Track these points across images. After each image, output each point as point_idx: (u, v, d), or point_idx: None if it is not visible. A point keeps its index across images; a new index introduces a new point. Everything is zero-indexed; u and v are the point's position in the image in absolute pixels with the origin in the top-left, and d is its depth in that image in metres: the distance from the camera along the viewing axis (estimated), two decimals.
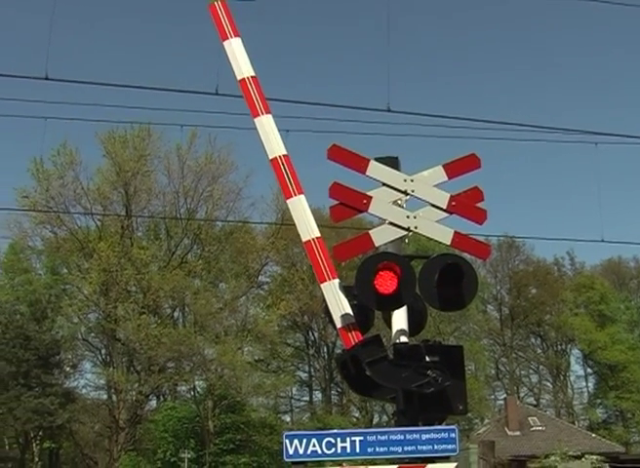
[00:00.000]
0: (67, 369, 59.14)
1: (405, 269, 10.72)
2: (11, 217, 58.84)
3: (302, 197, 12.15)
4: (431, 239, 11.66)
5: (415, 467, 9.36)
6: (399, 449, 9.55)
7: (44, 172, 56.05)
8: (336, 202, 11.48)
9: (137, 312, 54.23)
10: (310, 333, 70.32)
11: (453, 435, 9.47)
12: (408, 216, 11.36)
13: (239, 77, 12.48)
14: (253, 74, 12.60)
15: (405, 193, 11.54)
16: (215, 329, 57.32)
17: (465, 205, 11.48)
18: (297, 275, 63.95)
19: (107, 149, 56.78)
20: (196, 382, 60.60)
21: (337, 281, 11.54)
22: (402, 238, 11.45)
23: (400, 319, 11.45)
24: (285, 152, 12.30)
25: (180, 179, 58.21)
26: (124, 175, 56.15)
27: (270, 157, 12.24)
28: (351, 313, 11.23)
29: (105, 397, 60.22)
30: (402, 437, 9.58)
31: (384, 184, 11.56)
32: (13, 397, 48.88)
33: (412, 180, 11.56)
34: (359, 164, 11.58)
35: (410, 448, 9.52)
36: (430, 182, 11.60)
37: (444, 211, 11.45)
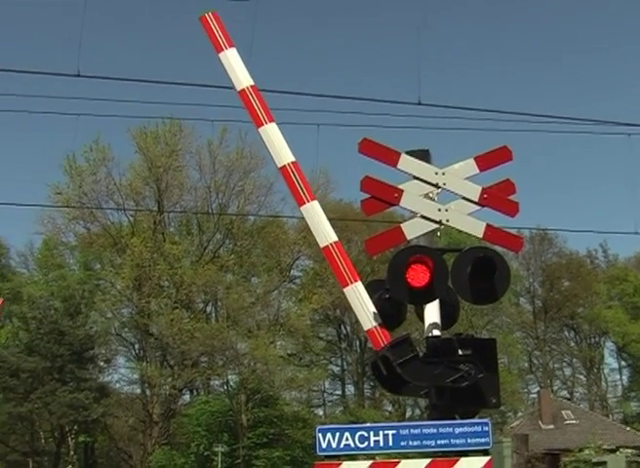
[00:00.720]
0: (101, 363, 59.48)
1: (437, 262, 10.69)
2: (44, 214, 59.32)
3: (315, 203, 12.13)
4: (463, 232, 11.62)
5: (448, 461, 9.33)
6: (432, 443, 9.52)
7: (77, 168, 56.42)
8: (367, 195, 11.46)
9: (169, 307, 54.46)
10: (342, 327, 70.33)
11: (486, 428, 9.43)
12: (439, 209, 11.33)
13: (239, 88, 12.45)
14: (252, 83, 12.58)
15: (436, 186, 11.50)
16: (247, 323, 57.44)
17: (497, 197, 11.43)
18: (328, 269, 63.73)
19: (139, 145, 57.04)
20: (229, 376, 60.82)
21: (359, 284, 11.52)
22: (434, 231, 11.41)
23: (432, 312, 11.42)
24: (293, 159, 12.28)
25: (211, 174, 58.39)
26: (156, 171, 56.37)
27: (279, 166, 12.22)
28: (377, 314, 11.21)
29: (139, 391, 60.54)
30: (435, 430, 9.55)
31: (416, 177, 11.53)
32: (48, 392, 49.23)
33: (443, 173, 11.52)
34: (390, 157, 11.55)
35: (443, 442, 9.50)
36: (462, 175, 11.55)
37: (476, 203, 11.40)
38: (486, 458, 9.22)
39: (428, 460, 9.34)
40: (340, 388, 74.51)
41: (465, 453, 9.58)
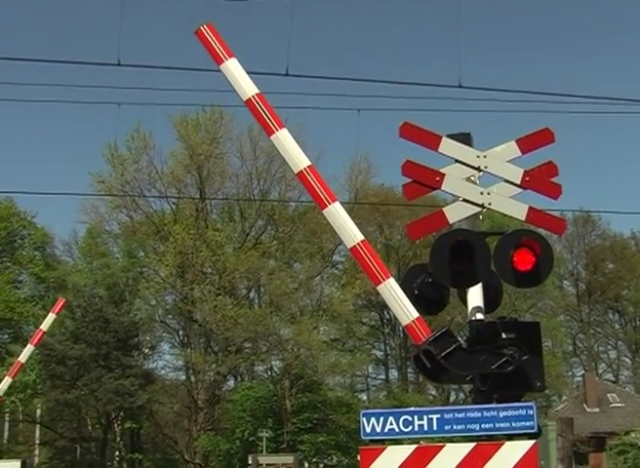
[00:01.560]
0: (146, 350, 59.92)
1: (480, 246, 10.66)
2: (87, 202, 59.82)
3: (337, 204, 12.10)
4: (506, 215, 11.57)
5: (493, 444, 9.31)
6: (476, 427, 9.51)
7: (119, 156, 56.78)
8: (408, 180, 11.44)
9: (213, 293, 54.73)
10: (385, 312, 70.26)
11: (531, 412, 9.39)
12: (482, 193, 11.29)
13: (244, 98, 12.42)
14: (257, 91, 12.57)
15: (478, 169, 11.45)
16: (290, 309, 57.61)
17: (540, 180, 11.36)
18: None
19: (180, 133, 57.28)
20: (273, 362, 61.03)
21: (391, 280, 11.49)
22: (476, 215, 11.37)
23: (476, 296, 11.39)
24: (309, 163, 12.26)
25: (252, 161, 58.49)
26: (197, 158, 56.60)
27: (296, 171, 12.19)
28: (413, 308, 11.19)
29: (184, 378, 60.96)
30: (479, 414, 9.54)
31: (457, 161, 11.49)
32: (94, 379, 49.71)
33: (485, 156, 11.47)
34: (431, 141, 11.52)
35: (487, 426, 9.48)
36: (504, 158, 11.49)
37: (518, 186, 11.34)
38: (531, 442, 9.19)
39: (473, 444, 9.32)
40: (384, 373, 74.62)
41: (510, 437, 9.56)
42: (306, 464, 52.85)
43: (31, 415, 58.20)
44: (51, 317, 33.24)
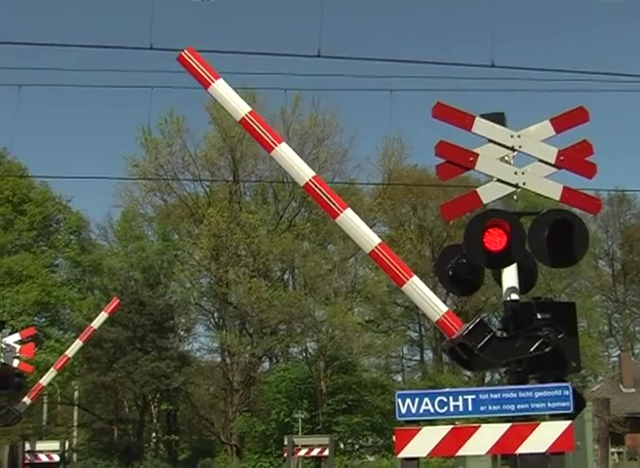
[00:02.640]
0: (181, 333, 60.25)
1: (514, 226, 10.62)
2: (122, 186, 60.21)
3: (348, 211, 12.09)
4: (540, 195, 11.50)
5: (528, 425, 9.29)
6: (512, 408, 9.49)
7: (152, 140, 57.03)
8: (442, 160, 11.41)
9: (247, 276, 54.91)
10: None
11: (567, 392, 9.36)
12: (516, 173, 11.23)
13: (238, 118, 12.42)
14: (250, 109, 12.57)
15: (512, 149, 11.40)
16: (324, 290, 57.67)
17: (574, 159, 11.29)
18: (404, 235, 63.84)
19: (213, 116, 57.39)
20: (308, 344, 61.19)
21: (414, 278, 11.48)
22: (510, 195, 11.32)
23: (510, 276, 11.36)
24: (313, 174, 12.25)
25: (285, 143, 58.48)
26: (230, 141, 56.71)
27: (302, 184, 12.19)
28: (442, 304, 11.18)
29: (219, 360, 61.25)
30: (515, 395, 9.52)
31: (491, 141, 11.44)
32: (130, 361, 50.08)
33: (519, 136, 11.41)
34: (464, 121, 11.46)
35: (523, 407, 9.46)
36: (538, 137, 11.42)
37: (552, 166, 11.27)
38: (567, 423, 9.16)
39: (508, 425, 9.31)
40: (419, 354, 74.57)
41: (546, 418, 9.54)
42: (342, 445, 52.98)
43: (69, 398, 58.74)
44: (103, 316, 33.68)
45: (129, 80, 71.39)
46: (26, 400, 33.03)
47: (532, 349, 10.31)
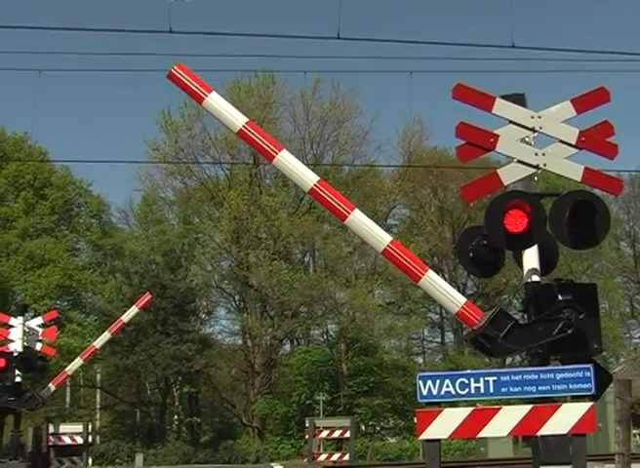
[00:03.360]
0: (203, 315, 60.38)
1: (535, 207, 10.59)
2: (142, 170, 60.38)
3: (357, 211, 12.06)
4: (561, 176, 11.46)
5: (550, 407, 9.28)
6: (533, 389, 9.48)
7: (172, 124, 57.13)
8: (462, 142, 11.38)
9: (268, 258, 54.98)
10: (440, 275, 69.88)
11: (588, 374, 9.34)
12: (536, 154, 11.19)
13: (235, 129, 12.35)
14: (246, 120, 12.52)
15: (533, 130, 11.35)
16: (345, 272, 57.69)
17: (596, 140, 11.23)
18: (425, 217, 63.78)
19: (233, 99, 57.30)
20: (328, 326, 61.26)
21: (430, 272, 11.44)
22: (531, 176, 11.28)
23: (531, 258, 11.33)
24: (317, 178, 12.23)
25: (305, 126, 58.49)
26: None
27: (307, 189, 12.16)
28: (460, 295, 11.16)
29: (241, 342, 61.38)
30: (536, 377, 9.51)
31: (511, 122, 11.40)
32: (152, 344, 50.29)
33: (539, 117, 11.36)
34: (485, 102, 11.43)
35: (544, 388, 9.44)
36: (558, 118, 11.37)
37: (573, 147, 11.23)
38: (588, 404, 9.14)
39: (530, 407, 9.31)
40: (440, 336, 74.52)
41: (567, 400, 9.53)
42: (363, 427, 53.12)
43: (92, 380, 59.12)
44: (133, 310, 34.05)
45: (148, 64, 71.53)
46: (51, 386, 33.34)
47: (554, 332, 10.30)
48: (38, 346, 33.01)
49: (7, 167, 59.70)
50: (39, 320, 34.57)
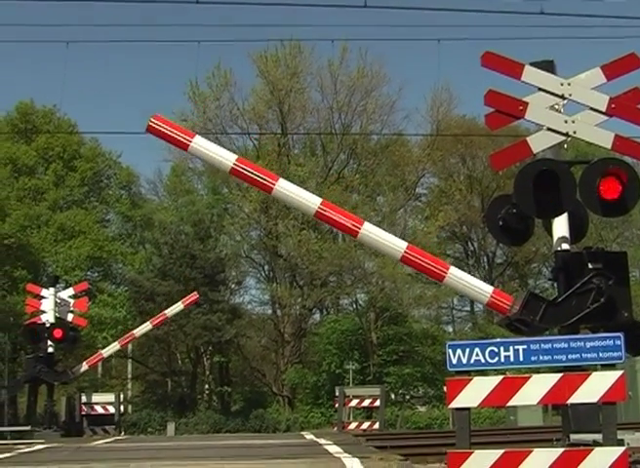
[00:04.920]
0: (232, 285, 60.52)
1: (565, 175, 10.53)
2: None
3: (367, 224, 12.08)
4: (591, 143, 11.39)
5: (579, 375, 9.27)
6: (563, 358, 9.47)
7: (200, 94, 57.10)
8: (491, 110, 11.32)
9: (297, 228, 54.99)
10: (469, 244, 69.98)
11: (618, 342, 9.31)
12: (566, 121, 11.13)
13: (227, 169, 12.32)
14: (236, 157, 12.44)
15: (562, 97, 11.28)
16: None
17: (626, 107, 11.14)
18: (454, 186, 63.58)
19: (260, 69, 57.28)
20: (358, 295, 61.29)
21: (452, 269, 11.46)
22: (560, 143, 11.23)
23: (561, 226, 11.30)
24: (320, 200, 12.18)
25: (333, 95, 58.28)
26: (278, 94, 56.59)
27: (312, 214, 12.14)
28: (486, 285, 11.15)
29: (270, 312, 61.59)
30: (566, 345, 9.49)
31: (540, 89, 11.33)
32: (182, 314, 50.36)
33: (569, 84, 11.28)
34: (514, 69, 11.36)
35: (574, 357, 9.43)
36: (588, 85, 11.29)
37: (603, 114, 11.16)
38: (618, 373, 9.12)
39: (559, 375, 9.30)
40: (469, 304, 74.32)
41: (597, 368, 9.52)
42: (393, 396, 53.23)
43: (123, 351, 59.31)
44: (178, 306, 34.67)
45: (176, 35, 71.40)
46: (84, 365, 33.76)
47: (588, 303, 10.28)
48: (70, 317, 33.36)
49: (37, 139, 60.05)
50: (70, 291, 34.92)
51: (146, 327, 35.73)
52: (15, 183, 57.79)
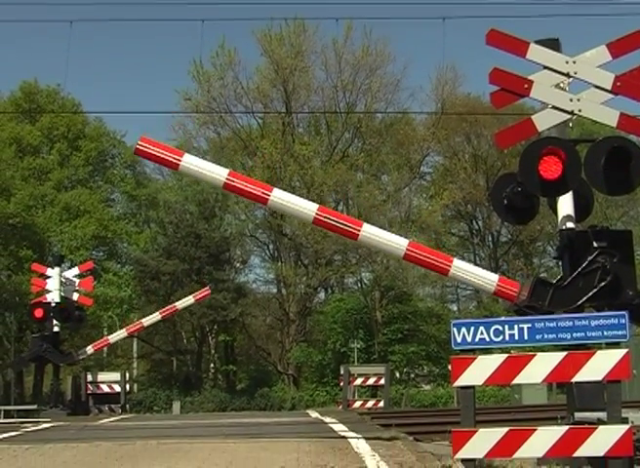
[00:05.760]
0: (237, 265, 60.55)
1: (570, 154, 10.53)
2: (175, 120, 60.50)
3: (366, 226, 12.06)
4: (596, 122, 11.39)
5: (584, 353, 9.29)
6: (568, 336, 9.49)
7: (204, 73, 56.98)
8: (496, 88, 11.30)
9: None
10: (474, 222, 69.94)
11: (623, 321, 9.32)
12: (571, 99, 11.10)
13: (220, 184, 12.30)
14: (228, 171, 12.42)
15: (567, 75, 11.25)
16: (379, 221, 57.50)
17: (632, 85, 11.11)
18: (459, 164, 63.48)
19: (264, 47, 57.12)
20: (363, 274, 61.34)
21: (456, 261, 11.47)
22: (566, 122, 11.21)
23: (566, 205, 11.30)
24: (317, 206, 12.16)
25: (337, 74, 58.13)
26: (282, 73, 56.45)
27: (311, 220, 12.12)
28: (491, 274, 11.18)
29: (275, 291, 61.66)
30: (571, 323, 9.50)
31: (546, 67, 11.30)
32: (187, 293, 50.38)
33: (574, 62, 11.26)
34: (519, 47, 11.34)
35: (579, 335, 9.45)
36: (594, 63, 11.26)
37: (609, 92, 11.13)
38: (623, 351, 9.14)
39: (564, 353, 9.31)
40: None
41: (602, 346, 9.54)
42: (397, 374, 53.36)
43: None
44: (189, 299, 34.83)
45: (180, 13, 71.28)
46: (89, 349, 33.93)
47: (595, 283, 10.29)
48: (75, 296, 33.48)
49: (41, 119, 60.01)
50: (75, 270, 35.04)
51: (155, 317, 35.99)
52: (19, 163, 57.79)
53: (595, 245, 10.88)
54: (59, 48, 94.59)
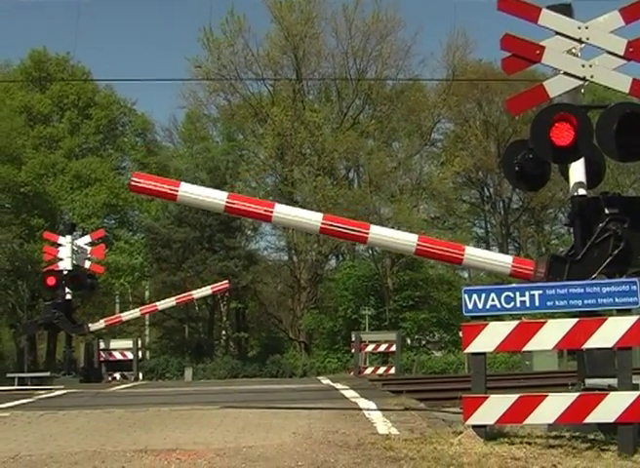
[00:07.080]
0: (248, 232, 60.63)
1: (582, 120, 10.47)
2: (185, 88, 60.37)
3: (374, 227, 12.02)
4: (608, 88, 11.32)
5: (595, 320, 9.29)
6: (579, 303, 9.48)
7: (214, 41, 56.81)
8: (508, 54, 11.24)
9: (312, 174, 54.98)
10: (485, 189, 69.76)
11: (634, 287, 9.31)
12: (583, 65, 11.03)
13: (222, 208, 12.24)
14: (227, 194, 12.37)
15: (579, 41, 11.17)
16: (390, 188, 57.54)
17: None
18: (470, 131, 63.23)
19: (274, 14, 56.88)
20: None
21: (468, 249, 11.44)
22: (577, 88, 11.14)
23: (578, 171, 11.26)
24: (321, 215, 12.12)
25: (348, 40, 57.90)
26: (292, 39, 56.24)
27: (317, 230, 12.08)
28: (505, 256, 11.17)
29: (286, 258, 61.76)
30: (582, 290, 9.49)
31: (558, 33, 11.22)
32: (199, 261, 50.72)
33: (586, 27, 11.18)
34: (530, 13, 11.25)
35: (590, 302, 9.44)
36: (606, 28, 11.17)
37: (621, 58, 11.05)
38: (634, 318, 9.14)
39: (575, 320, 9.32)
40: (485, 250, 74.45)
41: (613, 313, 9.54)
42: (408, 341, 53.48)
43: (140, 297, 59.89)
44: (206, 290, 35.08)
45: None
46: (102, 324, 34.07)
47: (610, 251, 10.29)
48: (87, 264, 33.58)
49: (51, 87, 59.92)
50: (87, 238, 35.12)
51: (170, 302, 36.31)
52: (30, 132, 57.77)
53: (607, 211, 10.85)
54: (68, 15, 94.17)
